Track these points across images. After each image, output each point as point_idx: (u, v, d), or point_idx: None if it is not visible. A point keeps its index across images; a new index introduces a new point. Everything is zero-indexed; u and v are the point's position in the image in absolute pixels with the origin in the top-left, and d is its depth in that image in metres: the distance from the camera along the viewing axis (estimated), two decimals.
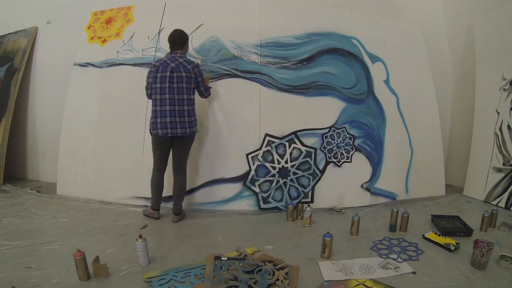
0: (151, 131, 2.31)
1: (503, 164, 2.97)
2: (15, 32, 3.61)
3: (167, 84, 2.24)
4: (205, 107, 2.82)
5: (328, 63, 2.94)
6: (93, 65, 3.05)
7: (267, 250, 2.00)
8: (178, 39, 2.34)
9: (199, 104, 2.81)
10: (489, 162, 3.09)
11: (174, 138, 2.31)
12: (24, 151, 3.67)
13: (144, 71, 2.83)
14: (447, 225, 2.40)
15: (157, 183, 2.43)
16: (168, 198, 2.63)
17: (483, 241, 1.78)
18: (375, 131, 3.03)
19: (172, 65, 2.26)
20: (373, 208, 2.86)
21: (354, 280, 1.67)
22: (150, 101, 2.37)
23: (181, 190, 2.45)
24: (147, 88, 2.38)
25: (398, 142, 3.14)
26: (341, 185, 2.93)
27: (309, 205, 2.49)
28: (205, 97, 2.55)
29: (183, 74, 2.26)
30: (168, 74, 2.24)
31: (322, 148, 2.88)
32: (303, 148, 2.85)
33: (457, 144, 3.73)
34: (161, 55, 2.87)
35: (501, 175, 2.97)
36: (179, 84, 2.26)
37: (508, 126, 2.95)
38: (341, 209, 2.76)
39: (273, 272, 1.69)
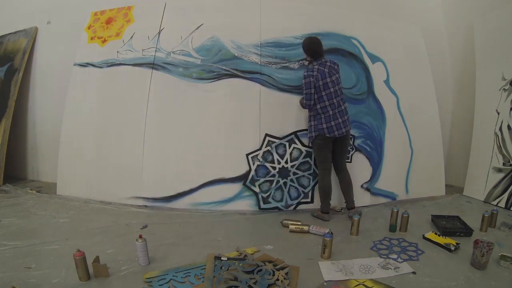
0: (327, 135, 2.43)
1: (503, 164, 2.97)
2: (15, 32, 3.62)
3: (331, 89, 2.41)
4: (205, 107, 2.82)
5: None
6: (93, 65, 3.05)
7: (267, 250, 2.00)
8: (321, 48, 2.48)
9: (199, 104, 2.82)
10: (489, 162, 3.09)
11: (338, 138, 2.46)
12: (24, 151, 3.68)
13: (144, 71, 2.86)
14: (447, 225, 2.40)
15: (330, 186, 2.55)
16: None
17: (483, 241, 1.78)
18: (375, 131, 3.03)
19: (327, 70, 2.42)
20: (373, 208, 2.86)
21: (354, 280, 1.67)
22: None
23: (351, 185, 2.59)
24: (310, 99, 2.42)
25: (398, 142, 3.14)
26: None
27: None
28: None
29: (337, 75, 2.47)
30: (328, 80, 2.40)
31: None
32: (303, 148, 2.85)
33: (457, 144, 3.73)
34: (161, 55, 2.88)
35: (501, 175, 2.97)
36: (336, 86, 2.44)
37: (508, 126, 2.95)
38: (341, 209, 2.76)
39: (273, 272, 1.69)
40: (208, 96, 2.81)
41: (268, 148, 2.81)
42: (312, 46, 2.46)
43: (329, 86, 2.41)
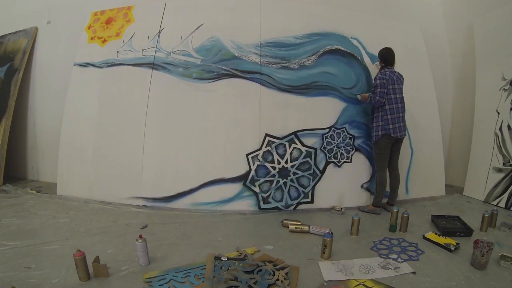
0: (392, 135, 2.65)
1: (503, 164, 2.97)
2: (15, 32, 3.62)
3: (397, 95, 2.67)
4: (205, 107, 2.82)
5: (328, 63, 2.95)
6: (93, 65, 3.05)
7: (267, 250, 2.00)
8: (393, 57, 2.72)
9: (199, 104, 2.82)
10: (489, 162, 3.09)
11: (396, 140, 2.71)
12: (24, 151, 3.68)
13: (144, 71, 2.87)
14: (447, 225, 2.40)
15: (386, 182, 2.79)
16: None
17: (483, 241, 1.78)
18: None
19: (395, 78, 2.67)
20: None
21: (354, 280, 1.66)
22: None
23: (399, 183, 2.84)
24: (383, 97, 2.63)
25: None
26: (341, 185, 2.93)
27: None
28: None
29: (401, 86, 2.72)
30: (396, 86, 2.66)
31: (322, 148, 2.88)
32: (303, 148, 2.85)
33: (457, 144, 3.74)
34: (161, 55, 2.88)
35: (501, 175, 2.97)
36: (400, 94, 2.70)
37: (508, 126, 2.95)
38: (341, 209, 2.76)
39: (273, 272, 1.69)
40: (208, 96, 2.81)
41: (268, 148, 2.81)
42: (390, 55, 2.70)
43: (396, 92, 2.66)
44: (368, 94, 2.79)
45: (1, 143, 3.36)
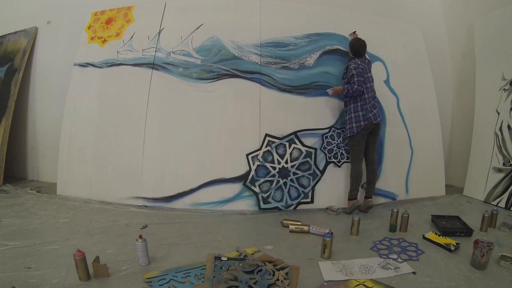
0: (362, 122, 2.62)
1: (503, 164, 2.97)
2: (15, 32, 3.62)
3: (369, 84, 2.67)
4: (205, 107, 2.82)
5: (328, 63, 2.95)
6: (93, 65, 3.05)
7: (267, 250, 2.00)
8: (365, 49, 2.74)
9: (199, 104, 2.82)
10: (489, 162, 3.09)
11: (371, 131, 2.68)
12: (24, 151, 3.68)
13: (144, 71, 2.87)
14: (447, 225, 2.40)
15: (362, 175, 2.77)
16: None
17: (483, 241, 1.78)
18: None
19: (366, 66, 2.69)
20: (373, 208, 2.86)
21: (354, 280, 1.66)
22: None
23: (376, 177, 2.82)
24: (361, 86, 2.61)
25: (398, 142, 3.14)
26: (341, 185, 2.93)
27: None
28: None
29: (371, 74, 2.73)
30: (369, 75, 2.69)
31: (322, 148, 2.88)
32: (303, 148, 2.85)
33: (457, 144, 3.73)
34: (161, 55, 2.88)
35: (501, 175, 2.97)
36: (372, 83, 2.71)
37: (508, 126, 2.95)
38: (338, 209, 2.76)
39: (273, 272, 1.69)
40: (208, 96, 2.81)
41: (268, 148, 2.81)
42: (360, 47, 2.71)
43: (369, 80, 2.68)
44: (340, 86, 2.75)
45: (1, 143, 3.36)
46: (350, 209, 2.74)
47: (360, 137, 2.67)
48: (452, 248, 2.00)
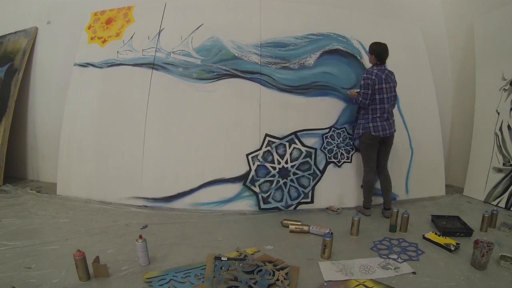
0: (372, 133, 2.55)
1: (503, 164, 2.97)
2: (15, 32, 3.62)
3: (384, 95, 2.53)
4: (205, 107, 2.82)
5: (328, 63, 2.95)
6: (93, 65, 3.05)
7: (267, 250, 2.00)
8: (387, 53, 2.56)
9: (199, 104, 2.82)
10: (489, 162, 3.09)
11: (383, 138, 2.59)
12: (24, 151, 3.68)
13: (144, 72, 2.87)
14: (447, 225, 2.40)
15: (373, 184, 2.71)
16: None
17: (483, 241, 1.78)
18: None
19: (383, 76, 2.53)
20: (373, 208, 2.86)
21: (354, 280, 1.67)
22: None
23: (391, 185, 2.72)
24: (366, 99, 2.53)
25: (398, 142, 3.13)
26: (341, 185, 2.93)
27: None
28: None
29: (391, 84, 2.57)
30: (385, 85, 2.52)
31: (322, 148, 2.88)
32: (303, 148, 2.85)
33: (457, 144, 3.73)
34: (161, 55, 2.88)
35: (501, 175, 2.97)
36: (389, 94, 2.55)
37: (508, 126, 2.95)
38: (338, 209, 2.76)
39: (273, 272, 1.69)
40: (208, 96, 2.81)
41: (268, 148, 2.81)
42: (382, 52, 2.54)
43: (383, 91, 2.53)
44: (356, 91, 2.72)
45: (1, 143, 3.36)
46: (358, 210, 2.79)
47: (368, 145, 2.62)
48: (452, 248, 2.00)
